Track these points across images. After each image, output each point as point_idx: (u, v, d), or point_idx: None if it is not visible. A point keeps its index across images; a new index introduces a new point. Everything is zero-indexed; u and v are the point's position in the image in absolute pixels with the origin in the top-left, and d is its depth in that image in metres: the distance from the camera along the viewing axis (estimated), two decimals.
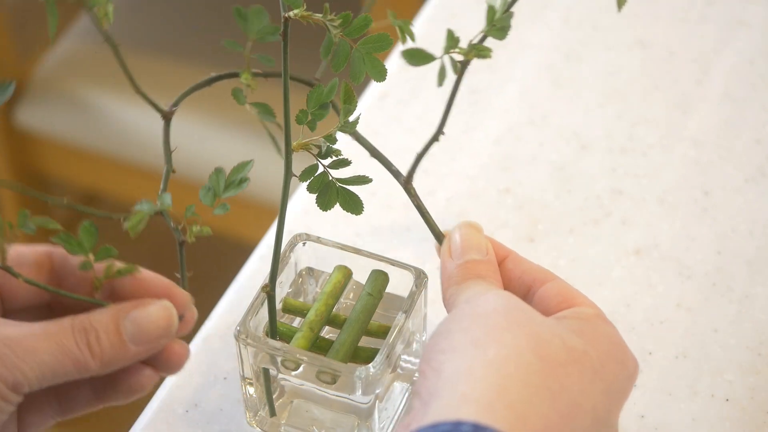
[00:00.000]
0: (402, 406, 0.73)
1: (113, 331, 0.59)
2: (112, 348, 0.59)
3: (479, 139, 0.89)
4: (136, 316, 0.60)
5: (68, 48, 1.51)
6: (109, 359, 0.59)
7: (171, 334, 0.61)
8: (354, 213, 0.65)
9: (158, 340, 0.61)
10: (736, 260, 0.80)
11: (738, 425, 0.72)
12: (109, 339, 0.59)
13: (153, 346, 0.61)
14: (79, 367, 0.59)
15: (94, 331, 0.59)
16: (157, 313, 0.60)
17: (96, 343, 0.59)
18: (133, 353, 0.60)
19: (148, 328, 0.60)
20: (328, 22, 0.61)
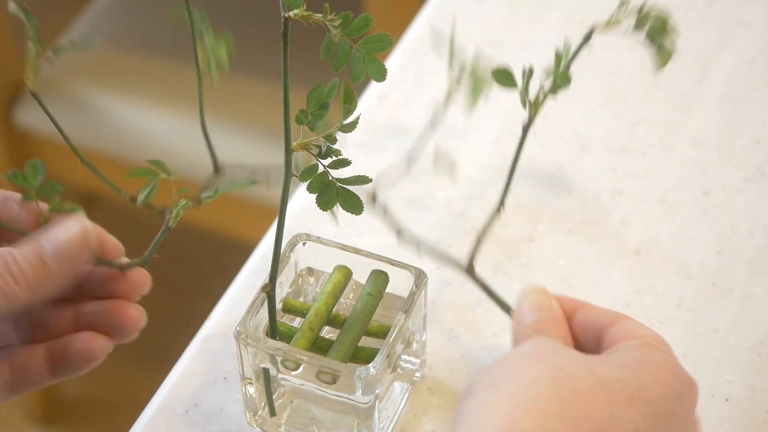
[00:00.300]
0: (402, 406, 0.73)
1: (32, 254, 0.59)
2: (33, 271, 0.59)
3: (479, 140, 0.89)
4: (51, 235, 0.60)
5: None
6: (34, 283, 0.59)
7: (90, 246, 0.60)
8: (354, 213, 0.65)
9: (78, 255, 0.60)
10: (736, 260, 0.80)
11: (738, 425, 0.72)
12: (29, 262, 0.59)
13: (75, 263, 0.60)
14: (7, 296, 0.58)
15: (12, 257, 0.59)
16: (71, 227, 0.60)
17: (17, 269, 0.58)
18: (58, 273, 0.59)
19: (64, 242, 0.59)
20: (328, 22, 0.61)
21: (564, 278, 0.80)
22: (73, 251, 0.60)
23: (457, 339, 0.76)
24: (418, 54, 0.96)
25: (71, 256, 0.60)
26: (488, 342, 0.76)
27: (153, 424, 0.73)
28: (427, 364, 0.75)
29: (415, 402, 0.73)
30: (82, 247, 0.60)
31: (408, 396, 0.73)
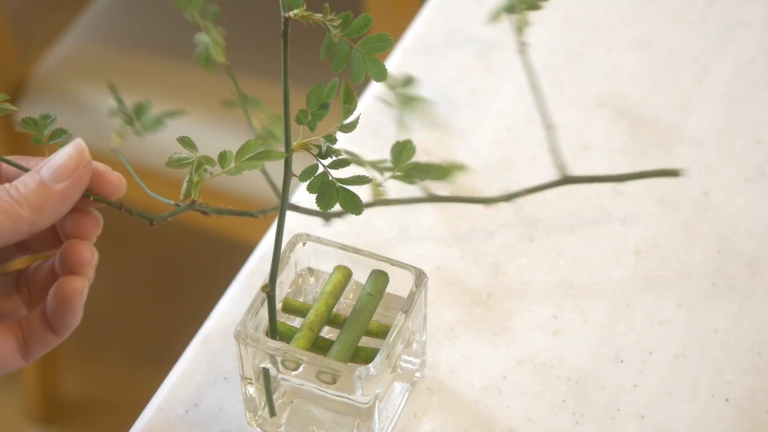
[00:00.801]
0: (402, 406, 0.73)
1: (31, 179, 0.62)
2: (34, 192, 0.61)
3: (479, 139, 0.89)
4: (49, 161, 0.62)
5: (68, 48, 1.51)
6: (37, 202, 0.61)
7: (86, 161, 0.63)
8: (354, 213, 0.65)
9: (77, 171, 0.62)
10: (736, 260, 0.80)
11: (738, 425, 0.72)
12: (29, 186, 0.61)
13: (75, 179, 0.62)
14: (12, 217, 0.61)
15: (13, 185, 0.61)
16: (66, 149, 0.63)
17: (17, 192, 0.61)
18: (59, 191, 0.62)
19: (61, 162, 0.62)
20: (328, 22, 0.61)
21: (564, 278, 0.80)
22: (69, 169, 0.62)
23: (457, 339, 0.77)
24: (418, 54, 0.96)
25: (68, 174, 0.62)
26: (488, 342, 0.76)
27: (153, 424, 0.73)
28: (427, 364, 0.75)
29: (415, 402, 0.73)
30: (77, 164, 0.62)
31: (408, 396, 0.73)
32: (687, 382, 0.74)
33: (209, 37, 0.73)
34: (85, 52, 1.51)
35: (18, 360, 0.64)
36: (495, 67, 0.93)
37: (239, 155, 0.63)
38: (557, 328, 0.77)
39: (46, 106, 1.49)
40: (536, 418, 0.73)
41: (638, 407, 0.73)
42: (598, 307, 0.78)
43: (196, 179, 0.65)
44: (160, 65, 1.48)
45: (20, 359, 0.65)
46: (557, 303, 0.78)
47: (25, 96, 1.49)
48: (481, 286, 0.79)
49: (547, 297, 0.78)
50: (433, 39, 0.97)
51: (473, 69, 0.94)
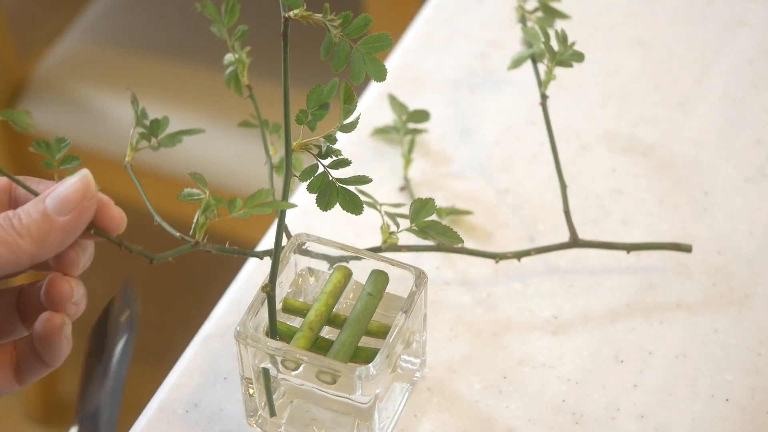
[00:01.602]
0: (402, 406, 0.73)
1: (35, 209, 0.60)
2: (37, 224, 0.60)
3: (479, 139, 0.89)
4: (54, 192, 0.61)
5: (68, 48, 1.51)
6: (38, 234, 0.60)
7: (91, 194, 0.61)
8: (354, 213, 0.65)
9: (81, 204, 0.61)
10: (736, 260, 0.80)
11: (738, 425, 0.72)
12: (32, 217, 0.60)
13: (79, 212, 0.61)
14: (13, 249, 0.59)
15: (17, 214, 0.60)
16: (72, 180, 0.61)
17: (20, 223, 0.60)
18: (62, 224, 0.60)
19: (65, 194, 0.61)
20: (328, 22, 0.61)
21: (564, 278, 0.80)
22: (73, 201, 0.61)
23: (457, 339, 0.77)
24: (418, 54, 0.96)
25: (72, 206, 0.61)
26: (488, 342, 0.76)
27: (153, 424, 0.73)
28: (427, 364, 0.75)
29: (415, 402, 0.73)
30: (82, 197, 0.61)
31: (408, 396, 0.73)
32: (687, 382, 0.74)
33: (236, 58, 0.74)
34: (85, 52, 1.51)
35: (12, 384, 0.64)
36: (495, 67, 0.93)
37: (249, 201, 0.63)
38: (557, 328, 0.77)
39: (46, 106, 1.49)
40: (536, 418, 0.73)
41: (638, 407, 0.73)
42: (598, 307, 0.78)
43: (202, 221, 0.64)
44: (160, 65, 1.48)
45: (15, 383, 0.64)
46: (557, 303, 0.78)
47: (25, 96, 1.49)
48: (481, 286, 0.79)
49: (547, 297, 0.78)
50: (433, 39, 0.97)
51: (473, 69, 0.94)
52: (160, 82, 1.45)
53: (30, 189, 0.63)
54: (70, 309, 0.63)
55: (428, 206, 0.71)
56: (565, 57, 0.74)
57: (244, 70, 0.73)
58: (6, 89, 1.49)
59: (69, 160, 0.65)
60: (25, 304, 0.66)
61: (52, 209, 0.60)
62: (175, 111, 1.39)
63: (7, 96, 1.49)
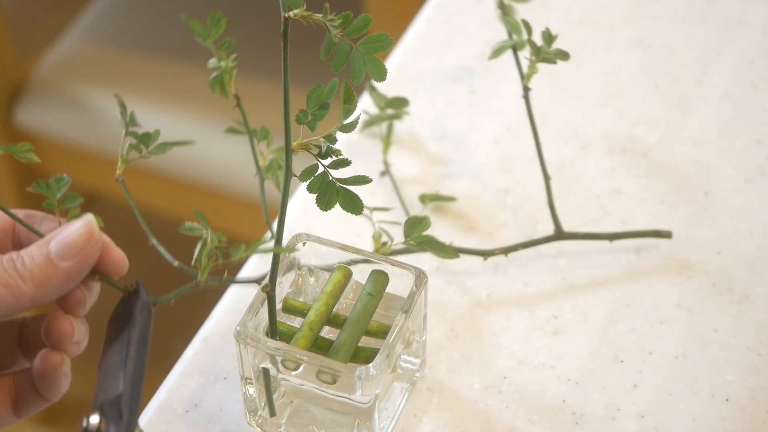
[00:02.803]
0: (402, 406, 0.73)
1: (38, 253, 0.60)
2: (39, 268, 0.60)
3: (479, 140, 0.89)
4: (58, 236, 0.61)
5: (68, 48, 1.51)
6: (41, 279, 0.60)
7: (95, 240, 0.61)
8: (354, 213, 0.65)
9: (85, 250, 0.61)
10: (736, 260, 0.80)
11: (738, 425, 0.72)
12: (35, 261, 0.60)
13: (82, 258, 0.61)
14: (14, 292, 0.59)
15: (20, 257, 0.60)
16: (77, 226, 0.61)
17: (23, 266, 0.60)
18: (65, 270, 0.60)
19: (69, 239, 0.60)
20: (328, 22, 0.61)
21: (564, 278, 0.80)
22: (77, 247, 0.60)
23: (457, 339, 0.77)
24: (418, 54, 0.96)
25: (75, 252, 0.60)
26: (488, 342, 0.76)
27: (153, 424, 0.73)
28: (427, 364, 0.75)
29: (415, 402, 0.73)
30: (86, 243, 0.61)
31: (408, 396, 0.73)
32: (687, 382, 0.74)
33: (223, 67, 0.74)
34: (85, 52, 1.51)
35: (11, 416, 0.64)
36: (495, 67, 0.93)
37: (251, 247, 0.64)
38: (557, 328, 0.77)
39: (46, 106, 1.49)
40: (536, 418, 0.73)
41: (638, 407, 0.73)
42: (598, 307, 0.78)
43: (205, 263, 0.64)
44: (160, 65, 1.48)
45: (13, 415, 0.64)
46: (557, 303, 0.78)
47: (25, 96, 1.49)
48: (481, 286, 0.79)
49: (547, 297, 0.78)
50: (433, 39, 0.97)
51: (473, 69, 0.94)
52: (160, 82, 1.45)
53: (34, 230, 0.63)
54: (71, 348, 0.63)
55: (423, 224, 0.72)
56: (550, 55, 0.75)
57: (230, 81, 0.73)
58: (6, 89, 1.49)
59: (70, 199, 0.64)
60: (27, 338, 0.65)
61: (55, 254, 0.60)
62: (174, 111, 1.39)
63: (7, 96, 1.49)
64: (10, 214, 0.63)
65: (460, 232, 0.82)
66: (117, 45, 1.52)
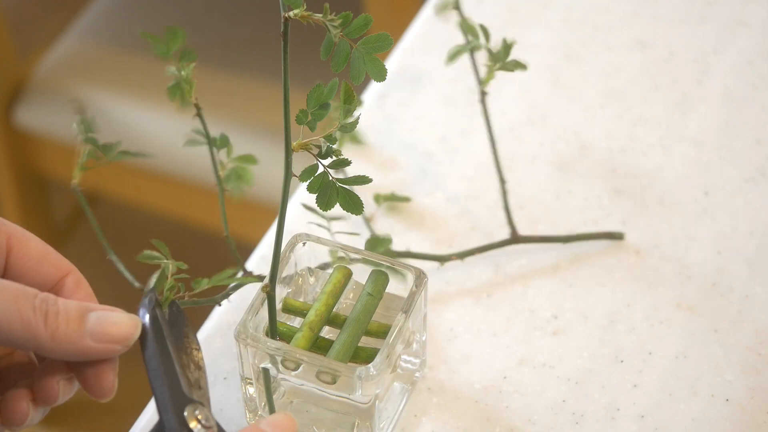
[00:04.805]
0: (402, 406, 0.73)
1: (75, 316, 0.59)
2: (68, 330, 0.59)
3: (479, 140, 0.89)
4: (103, 315, 0.60)
5: (68, 48, 1.51)
6: (61, 339, 0.58)
7: (128, 344, 0.61)
8: (354, 213, 0.65)
9: (115, 345, 0.60)
10: (736, 260, 0.80)
11: (738, 425, 0.72)
12: (69, 321, 0.59)
13: (107, 349, 0.60)
14: (29, 333, 0.58)
15: (57, 308, 0.59)
16: (125, 320, 0.61)
17: (54, 318, 0.58)
18: (85, 347, 0.59)
19: (110, 329, 0.60)
20: (328, 22, 0.61)
21: (564, 278, 0.80)
22: (113, 340, 0.60)
23: (457, 339, 0.77)
24: (418, 54, 0.96)
25: (108, 341, 0.60)
26: (488, 342, 0.76)
27: (153, 424, 0.73)
28: (427, 364, 0.75)
29: (415, 402, 0.73)
30: (123, 339, 0.60)
31: (408, 396, 0.73)
32: (687, 382, 0.74)
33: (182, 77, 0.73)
34: (85, 52, 1.51)
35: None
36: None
37: (215, 279, 0.64)
38: (557, 328, 0.77)
39: (46, 106, 1.49)
40: (536, 418, 0.73)
41: (638, 407, 0.73)
42: (598, 307, 0.78)
43: (167, 296, 0.64)
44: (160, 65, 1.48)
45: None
46: (557, 303, 0.78)
47: (25, 96, 1.49)
48: (481, 286, 0.79)
49: (547, 297, 0.78)
50: (433, 39, 0.97)
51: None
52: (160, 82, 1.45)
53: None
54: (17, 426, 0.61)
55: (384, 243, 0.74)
56: (507, 64, 0.75)
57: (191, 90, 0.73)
58: (6, 89, 1.49)
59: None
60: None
61: (90, 330, 0.59)
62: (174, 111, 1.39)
63: (7, 96, 1.49)
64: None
65: (460, 232, 0.82)
66: (117, 45, 1.52)
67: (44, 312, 0.58)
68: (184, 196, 1.44)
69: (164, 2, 1.56)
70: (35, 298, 0.59)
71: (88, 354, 0.60)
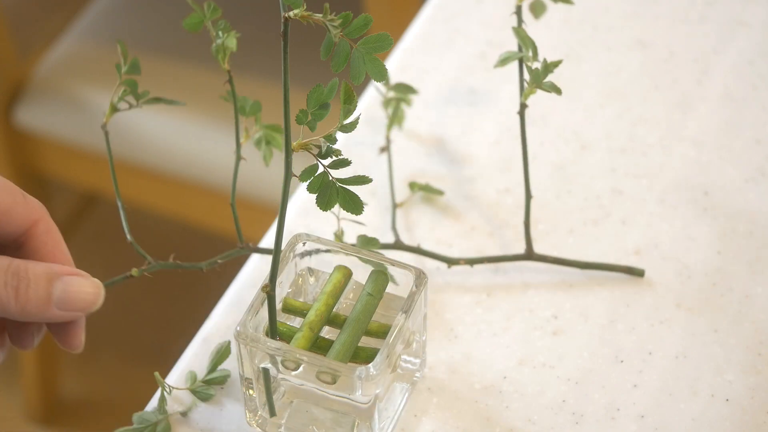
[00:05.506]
0: (402, 406, 0.73)
1: (43, 287, 0.61)
2: (37, 303, 0.61)
3: (479, 140, 0.89)
4: (68, 283, 0.62)
5: (68, 48, 1.51)
6: (30, 311, 0.61)
7: (92, 310, 0.63)
8: (354, 213, 0.65)
9: (79, 312, 0.62)
10: (736, 260, 0.80)
11: (738, 425, 0.72)
12: (38, 294, 0.61)
13: (73, 316, 0.62)
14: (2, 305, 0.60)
15: (27, 280, 0.61)
16: (88, 288, 0.62)
17: (24, 292, 0.61)
18: (52, 315, 0.62)
19: (75, 298, 0.62)
20: (328, 22, 0.61)
21: (564, 278, 0.80)
22: (77, 307, 0.62)
23: (457, 339, 0.77)
24: (418, 54, 0.96)
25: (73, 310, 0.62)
26: (488, 342, 0.76)
27: None
28: (427, 364, 0.75)
29: (415, 402, 0.73)
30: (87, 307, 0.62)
31: (408, 396, 0.73)
32: (687, 382, 0.74)
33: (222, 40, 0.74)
34: (85, 52, 1.51)
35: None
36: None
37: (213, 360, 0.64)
38: (557, 328, 0.77)
39: (46, 106, 1.49)
40: (536, 418, 0.73)
41: (638, 407, 0.73)
42: (598, 307, 0.78)
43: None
44: (160, 65, 1.48)
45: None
46: (557, 303, 0.78)
47: (25, 96, 1.49)
48: (481, 286, 0.79)
49: (547, 297, 0.78)
50: (433, 39, 0.97)
51: (473, 69, 0.94)
52: (160, 82, 1.45)
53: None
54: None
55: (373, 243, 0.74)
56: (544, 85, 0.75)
57: (225, 57, 0.73)
58: (6, 89, 1.49)
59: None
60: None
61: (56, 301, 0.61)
62: (174, 111, 1.39)
63: (8, 96, 1.49)
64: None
65: (459, 232, 0.82)
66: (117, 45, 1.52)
67: (15, 288, 0.61)
68: (184, 196, 1.44)
69: (164, 2, 1.56)
70: (6, 274, 0.61)
71: (55, 320, 0.62)
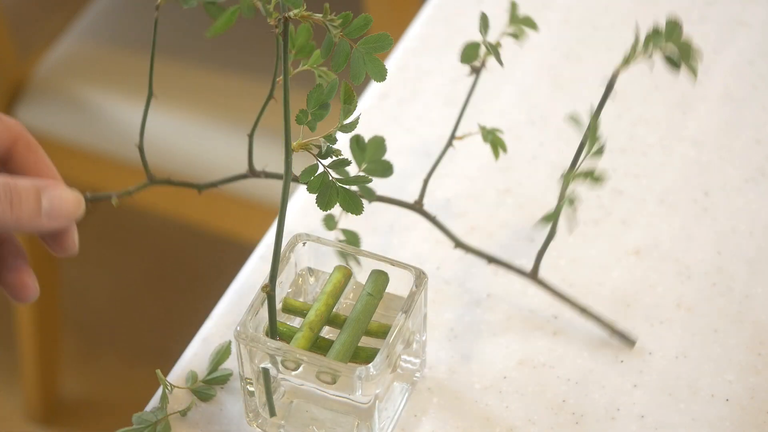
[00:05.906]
0: (402, 406, 0.73)
1: (34, 200, 0.66)
2: (29, 215, 0.65)
3: (479, 140, 0.89)
4: (54, 195, 0.66)
5: (68, 48, 1.51)
6: (23, 223, 0.65)
7: (77, 218, 0.67)
8: (354, 213, 0.65)
9: (66, 220, 0.67)
10: (736, 260, 0.80)
11: (738, 425, 0.72)
12: (29, 206, 0.65)
13: (60, 225, 0.67)
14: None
15: (18, 195, 0.65)
16: (71, 197, 0.67)
17: (18, 204, 0.65)
18: (42, 225, 0.66)
19: (61, 207, 0.66)
20: (328, 22, 0.61)
21: (564, 278, 0.80)
22: (64, 216, 0.66)
23: (457, 339, 0.77)
24: (418, 54, 0.96)
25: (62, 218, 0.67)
26: (488, 342, 0.76)
27: None
28: (427, 364, 0.75)
29: (415, 402, 0.73)
30: (71, 216, 0.67)
31: (408, 396, 0.73)
32: (687, 382, 0.74)
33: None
34: (85, 52, 1.51)
35: None
36: (495, 67, 0.93)
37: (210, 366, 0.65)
38: (557, 328, 0.77)
39: (46, 106, 1.49)
40: (536, 418, 0.73)
41: (638, 407, 0.73)
42: (599, 308, 0.78)
43: None
44: (160, 65, 1.48)
45: None
46: (557, 303, 0.78)
47: (25, 96, 1.49)
48: (481, 286, 0.79)
49: (547, 297, 0.78)
50: (433, 39, 0.97)
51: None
52: (160, 82, 1.45)
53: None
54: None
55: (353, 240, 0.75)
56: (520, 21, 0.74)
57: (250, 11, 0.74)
58: (6, 89, 1.49)
59: None
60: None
61: (45, 212, 0.66)
62: (174, 111, 1.39)
63: (8, 96, 1.49)
64: None
65: (459, 232, 0.82)
66: (117, 45, 1.52)
67: (9, 200, 0.65)
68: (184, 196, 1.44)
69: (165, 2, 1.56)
70: (3, 189, 0.65)
71: (44, 230, 0.67)
